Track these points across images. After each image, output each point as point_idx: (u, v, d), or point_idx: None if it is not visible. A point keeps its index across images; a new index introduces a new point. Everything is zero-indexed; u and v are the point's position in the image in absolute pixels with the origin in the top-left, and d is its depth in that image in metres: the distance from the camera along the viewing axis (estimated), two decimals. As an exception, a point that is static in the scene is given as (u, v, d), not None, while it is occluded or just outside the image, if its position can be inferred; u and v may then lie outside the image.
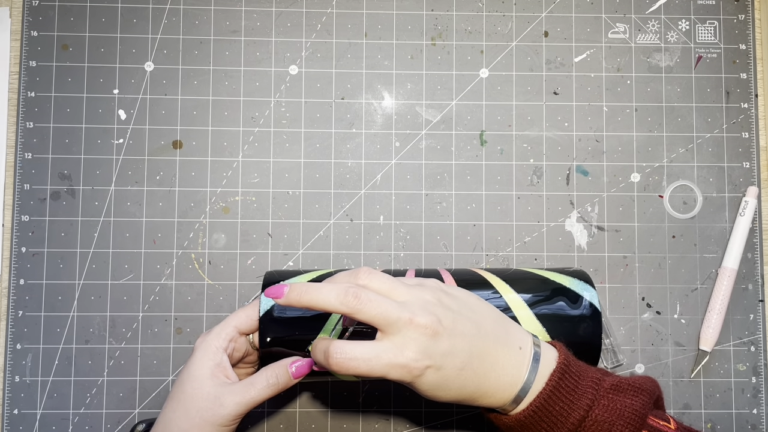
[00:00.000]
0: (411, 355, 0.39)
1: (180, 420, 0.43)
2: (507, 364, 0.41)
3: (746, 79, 0.58)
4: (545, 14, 0.58)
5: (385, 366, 0.39)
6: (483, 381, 0.41)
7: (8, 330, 0.54)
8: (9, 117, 0.56)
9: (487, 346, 0.41)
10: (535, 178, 0.57)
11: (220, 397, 0.43)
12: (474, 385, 0.41)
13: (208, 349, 0.45)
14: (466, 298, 0.43)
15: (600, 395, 0.41)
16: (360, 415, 0.55)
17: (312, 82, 0.57)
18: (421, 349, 0.39)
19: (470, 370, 0.40)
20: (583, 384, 0.41)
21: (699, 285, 0.57)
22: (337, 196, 0.56)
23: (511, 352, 0.41)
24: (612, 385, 0.41)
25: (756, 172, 0.57)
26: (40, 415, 0.54)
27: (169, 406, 0.44)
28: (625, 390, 0.41)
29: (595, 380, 0.41)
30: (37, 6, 0.57)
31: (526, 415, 0.40)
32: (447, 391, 0.40)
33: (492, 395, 0.41)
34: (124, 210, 0.56)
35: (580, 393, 0.41)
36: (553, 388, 0.40)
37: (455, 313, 0.41)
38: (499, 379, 0.41)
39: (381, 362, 0.39)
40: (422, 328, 0.39)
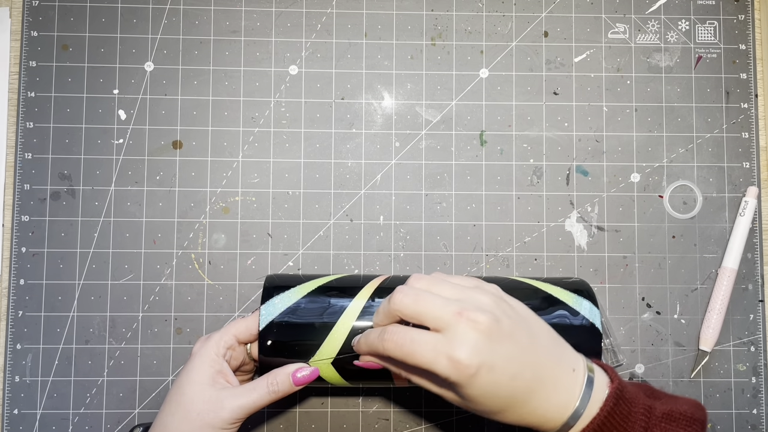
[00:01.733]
0: (465, 352, 0.37)
1: (180, 423, 0.43)
2: (559, 385, 0.39)
3: (746, 79, 0.58)
4: (545, 14, 0.58)
5: (440, 356, 0.37)
6: (533, 397, 0.39)
7: (8, 330, 0.54)
8: (9, 117, 0.56)
9: (541, 360, 0.39)
10: (535, 178, 0.57)
11: (222, 400, 0.43)
12: (523, 399, 0.38)
13: (208, 355, 0.45)
14: (523, 310, 0.41)
15: (652, 424, 0.39)
16: (360, 415, 0.55)
17: (312, 82, 0.57)
18: (475, 347, 0.37)
19: (522, 381, 0.38)
20: (636, 411, 0.39)
21: (699, 285, 0.57)
22: (337, 196, 0.56)
23: (563, 373, 0.39)
24: (664, 414, 0.40)
25: (756, 172, 0.57)
26: (40, 415, 0.54)
27: (167, 409, 0.44)
28: (677, 419, 0.40)
29: (647, 407, 0.40)
30: (37, 6, 0.57)
31: None
32: (494, 400, 0.38)
33: (541, 415, 0.39)
34: (124, 210, 0.56)
35: (633, 421, 0.39)
36: (608, 414, 0.38)
37: (511, 319, 0.39)
38: (550, 399, 0.39)
39: (437, 352, 0.37)
40: (476, 324, 0.37)
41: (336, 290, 0.47)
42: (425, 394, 0.55)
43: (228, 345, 0.46)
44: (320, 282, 0.48)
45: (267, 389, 0.44)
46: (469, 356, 0.37)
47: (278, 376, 0.44)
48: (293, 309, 0.46)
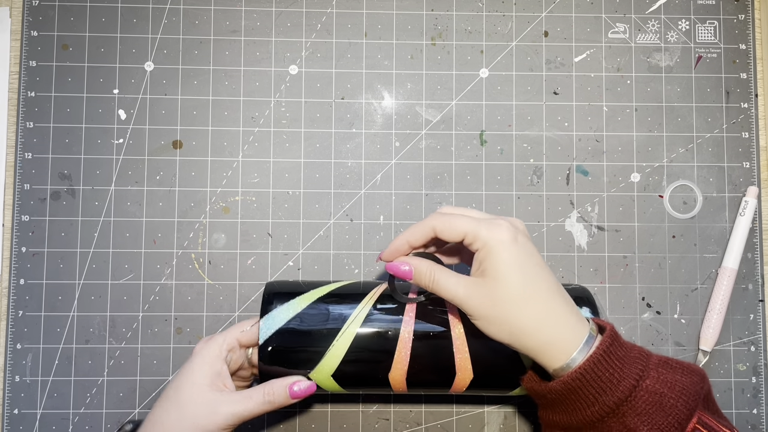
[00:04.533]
0: (505, 223, 0.42)
1: (173, 422, 0.43)
2: (570, 314, 0.41)
3: (746, 78, 0.58)
4: (545, 14, 0.58)
5: (481, 225, 0.41)
6: (552, 302, 0.41)
7: (8, 330, 0.54)
8: (9, 117, 0.56)
9: (560, 290, 0.42)
10: (535, 178, 0.57)
11: (217, 404, 0.43)
12: (544, 296, 0.41)
13: (209, 356, 0.45)
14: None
15: (649, 367, 0.40)
16: (360, 415, 0.55)
17: (312, 82, 0.57)
18: (512, 225, 0.42)
19: (546, 276, 0.41)
20: (633, 354, 0.40)
21: (699, 285, 0.57)
22: (337, 196, 0.56)
23: (573, 308, 0.42)
24: (661, 360, 0.41)
25: (756, 172, 0.57)
26: (40, 414, 0.54)
27: (162, 406, 0.44)
28: (674, 367, 0.41)
29: (644, 353, 0.41)
30: (37, 6, 0.57)
31: (574, 378, 0.39)
32: (522, 282, 0.40)
33: (554, 332, 0.40)
34: (124, 210, 0.56)
35: (630, 361, 0.40)
36: (604, 352, 0.39)
37: (533, 246, 0.43)
38: (562, 318, 0.41)
39: (479, 222, 0.41)
40: (513, 221, 0.43)
41: (337, 299, 0.47)
42: (425, 394, 0.55)
43: (230, 347, 0.46)
44: (320, 292, 0.48)
45: (263, 399, 0.44)
46: (512, 229, 0.41)
47: (275, 386, 0.44)
48: (293, 321, 0.46)
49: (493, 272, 0.40)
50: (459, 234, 0.42)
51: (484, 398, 0.55)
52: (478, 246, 0.41)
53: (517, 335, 0.41)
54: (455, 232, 0.42)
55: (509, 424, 0.55)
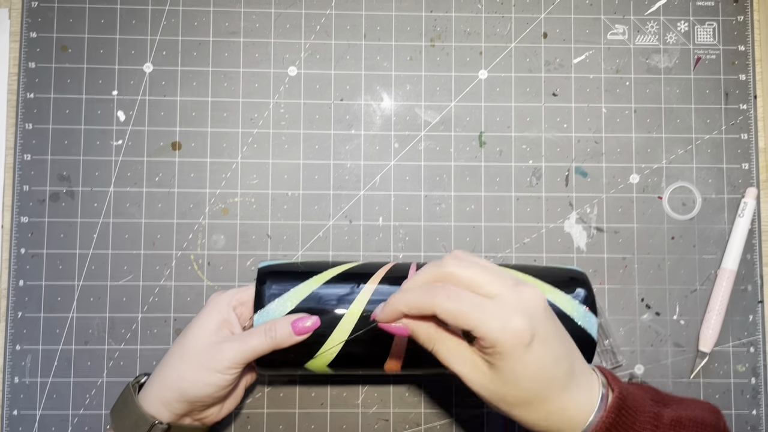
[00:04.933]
0: (523, 318, 0.35)
1: (177, 361, 0.45)
2: (583, 387, 0.38)
3: (745, 80, 0.58)
4: (544, 15, 0.58)
5: (494, 319, 0.35)
6: (564, 392, 0.37)
7: (7, 331, 0.54)
8: (8, 118, 0.56)
9: (576, 355, 0.39)
10: (534, 180, 0.57)
11: (220, 343, 0.44)
12: (557, 390, 0.37)
13: (220, 303, 0.47)
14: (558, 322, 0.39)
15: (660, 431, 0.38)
16: (360, 416, 0.55)
17: (311, 84, 0.57)
18: (534, 316, 0.36)
19: (562, 368, 0.37)
20: (642, 419, 0.38)
21: (698, 286, 0.57)
22: (336, 197, 0.56)
23: (588, 375, 0.39)
24: (672, 421, 0.38)
25: (755, 174, 0.57)
26: (39, 416, 0.54)
27: (173, 351, 0.46)
28: (687, 426, 0.38)
29: (654, 415, 0.38)
30: (36, 7, 0.57)
31: None
32: (532, 383, 0.36)
33: (564, 416, 0.37)
34: (123, 211, 0.56)
35: (641, 427, 0.37)
36: (610, 425, 0.37)
37: (553, 325, 0.38)
38: (575, 399, 0.38)
39: (491, 314, 0.35)
40: (535, 296, 0.37)
41: (332, 292, 0.46)
42: (425, 394, 0.55)
43: (241, 301, 0.47)
44: (315, 283, 0.47)
45: (264, 334, 0.44)
46: (527, 323, 0.35)
47: (277, 323, 0.44)
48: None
49: (502, 374, 0.36)
50: (465, 327, 0.36)
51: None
52: (486, 345, 0.36)
53: (522, 422, 0.38)
54: (460, 324, 0.36)
55: (516, 427, 0.55)
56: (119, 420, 0.46)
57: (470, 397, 0.55)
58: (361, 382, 0.55)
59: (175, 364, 0.45)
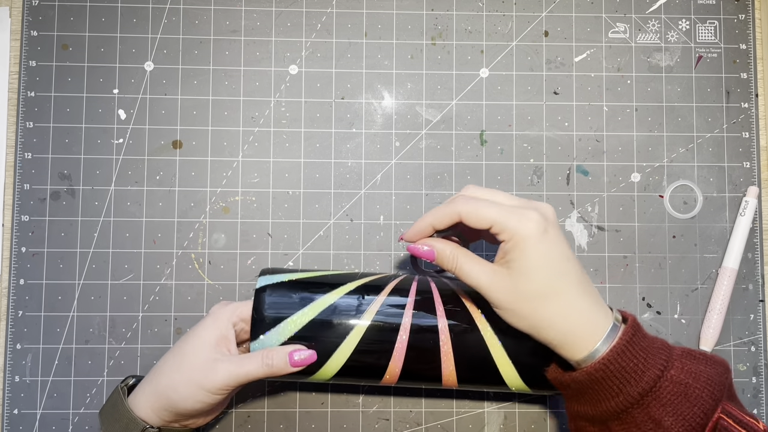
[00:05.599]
0: (536, 213, 0.40)
1: (173, 373, 0.45)
2: (594, 311, 0.40)
3: (746, 78, 0.58)
4: (545, 14, 0.58)
5: (511, 213, 0.40)
6: (578, 295, 0.40)
7: (8, 330, 0.54)
8: (9, 117, 0.56)
9: (585, 282, 0.41)
10: (536, 178, 0.57)
11: (215, 362, 0.44)
12: (571, 289, 0.40)
13: (220, 318, 0.46)
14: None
15: (673, 357, 0.39)
16: (360, 415, 0.55)
17: (312, 82, 0.57)
18: (544, 215, 0.41)
19: (572, 269, 0.40)
20: (656, 345, 0.40)
21: (699, 285, 0.56)
22: (337, 196, 0.56)
23: (596, 301, 0.41)
24: (684, 351, 0.40)
25: (756, 172, 0.57)
26: (40, 415, 0.54)
27: (167, 358, 0.46)
28: (698, 358, 0.40)
29: (666, 344, 0.40)
30: (37, 6, 0.56)
31: (598, 368, 0.39)
32: (549, 274, 0.40)
33: (578, 322, 0.40)
34: (124, 210, 0.55)
35: (654, 352, 0.39)
36: (627, 342, 0.39)
37: (562, 232, 0.42)
38: (587, 309, 0.40)
39: (508, 210, 0.40)
40: (545, 208, 0.41)
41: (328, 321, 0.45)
42: (425, 394, 0.55)
43: (242, 317, 0.47)
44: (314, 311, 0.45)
45: (261, 362, 0.44)
46: (541, 217, 0.40)
47: (274, 352, 0.44)
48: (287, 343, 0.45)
49: (518, 266, 0.40)
50: (485, 223, 0.41)
51: (484, 399, 0.55)
52: (504, 238, 0.40)
53: (538, 328, 0.40)
54: (482, 221, 0.41)
55: (509, 424, 0.55)
56: (109, 423, 0.46)
57: (471, 396, 0.55)
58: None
59: (169, 375, 0.45)
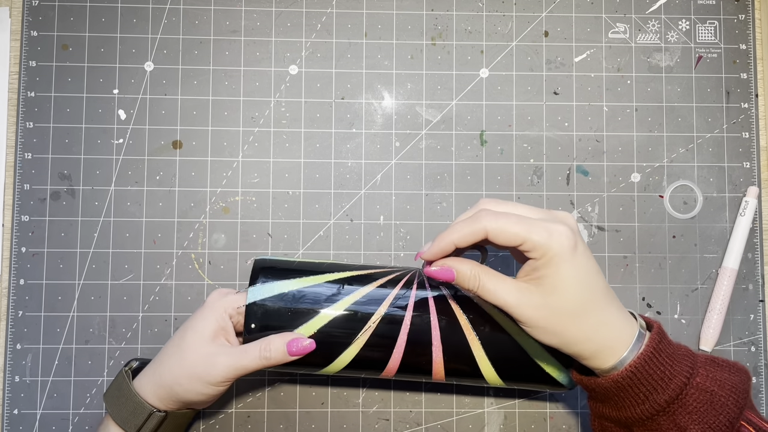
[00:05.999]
0: (564, 227, 0.39)
1: (174, 366, 0.45)
2: (621, 322, 0.40)
3: (746, 79, 0.58)
4: (545, 14, 0.58)
5: (538, 227, 0.38)
6: (606, 308, 0.40)
7: (8, 330, 0.54)
8: (9, 117, 0.56)
9: (611, 294, 0.41)
10: (536, 178, 0.57)
11: (215, 356, 0.44)
12: (600, 303, 0.40)
13: (217, 310, 0.46)
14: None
15: (698, 365, 0.40)
16: (360, 415, 0.55)
17: (312, 82, 0.57)
18: (571, 228, 0.39)
19: (600, 284, 0.40)
20: (680, 352, 0.40)
21: (699, 285, 0.56)
22: (337, 196, 0.56)
23: (621, 312, 0.41)
24: (707, 358, 0.41)
25: (756, 172, 0.57)
26: (40, 415, 0.54)
27: (169, 352, 0.46)
28: (721, 365, 0.40)
29: (690, 351, 0.41)
30: (37, 6, 0.56)
31: (624, 376, 0.39)
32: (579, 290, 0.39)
33: (607, 335, 0.40)
34: (124, 210, 0.56)
35: (679, 359, 0.40)
36: (654, 350, 0.39)
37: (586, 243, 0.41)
38: (616, 321, 0.40)
39: (534, 224, 0.38)
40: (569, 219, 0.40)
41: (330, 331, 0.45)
42: (425, 394, 0.55)
43: (240, 308, 0.47)
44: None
45: (259, 354, 0.44)
46: (570, 231, 0.39)
47: (272, 343, 0.44)
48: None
49: (550, 283, 0.39)
50: (515, 241, 0.39)
51: (485, 398, 0.55)
52: (536, 255, 0.39)
53: (569, 344, 0.40)
54: (511, 239, 0.39)
55: (509, 424, 0.55)
56: (115, 407, 0.46)
57: (471, 396, 0.55)
58: (362, 379, 0.55)
59: (171, 368, 0.45)
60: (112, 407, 0.46)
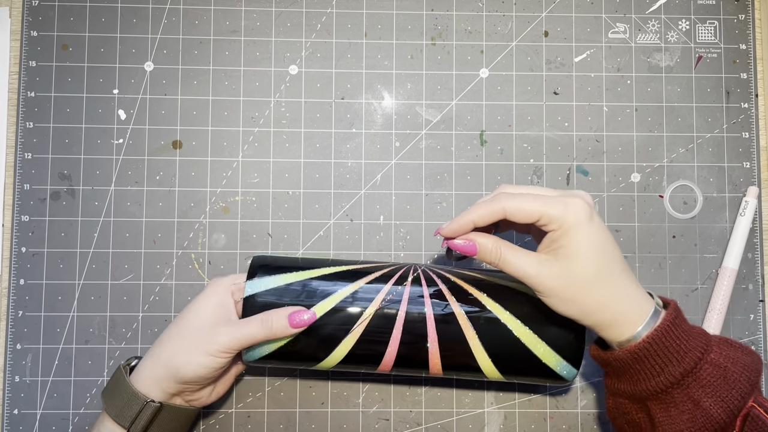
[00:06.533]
0: (580, 200, 0.41)
1: (174, 341, 0.45)
2: (637, 295, 0.42)
3: (746, 78, 0.58)
4: (545, 14, 0.58)
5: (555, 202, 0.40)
6: (623, 277, 0.41)
7: (8, 330, 0.54)
8: (9, 117, 0.56)
9: (627, 267, 0.43)
10: (536, 178, 0.57)
11: (216, 327, 0.45)
12: (618, 271, 0.41)
13: (219, 288, 0.47)
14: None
15: (712, 342, 0.41)
16: (360, 415, 0.55)
17: (312, 82, 0.57)
18: (586, 201, 0.41)
19: (617, 256, 0.42)
20: (695, 330, 0.42)
21: (699, 285, 0.56)
22: (337, 196, 0.56)
23: (638, 286, 0.43)
24: (721, 339, 0.42)
25: (756, 172, 0.57)
26: (40, 415, 0.54)
27: (168, 329, 0.47)
28: (734, 345, 0.42)
29: (703, 330, 0.42)
30: (37, 6, 0.56)
31: (642, 347, 0.40)
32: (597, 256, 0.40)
33: (626, 303, 0.41)
34: (124, 210, 0.56)
35: (694, 335, 0.41)
36: (671, 324, 0.40)
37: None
38: (633, 291, 0.42)
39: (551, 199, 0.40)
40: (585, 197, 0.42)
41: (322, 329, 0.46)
42: (426, 393, 0.55)
43: (240, 287, 0.47)
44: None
45: (260, 324, 0.44)
46: (585, 203, 0.41)
47: (274, 314, 0.44)
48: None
49: (569, 252, 0.40)
50: (532, 217, 0.41)
51: (484, 398, 0.55)
52: (554, 227, 0.41)
53: (587, 312, 0.41)
54: (528, 215, 0.41)
55: (509, 424, 0.55)
56: (110, 400, 0.46)
57: (471, 396, 0.55)
58: (362, 379, 0.55)
59: (169, 343, 0.46)
60: (108, 401, 0.46)
